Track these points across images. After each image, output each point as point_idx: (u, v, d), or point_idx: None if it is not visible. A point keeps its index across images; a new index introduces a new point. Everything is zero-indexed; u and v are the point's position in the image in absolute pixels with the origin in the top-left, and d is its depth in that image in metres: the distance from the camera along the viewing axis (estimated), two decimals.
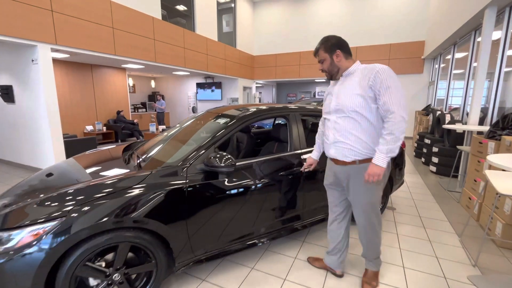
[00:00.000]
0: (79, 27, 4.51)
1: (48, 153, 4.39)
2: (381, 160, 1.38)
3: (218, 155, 1.65)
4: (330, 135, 1.57)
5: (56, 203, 1.34)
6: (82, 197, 1.37)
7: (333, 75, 1.56)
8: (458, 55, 6.01)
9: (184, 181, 1.59)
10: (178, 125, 2.57)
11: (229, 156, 1.65)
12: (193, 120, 2.47)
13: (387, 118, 1.38)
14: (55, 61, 6.58)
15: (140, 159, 1.93)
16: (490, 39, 3.62)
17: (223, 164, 1.61)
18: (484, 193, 2.61)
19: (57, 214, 1.28)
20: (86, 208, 1.31)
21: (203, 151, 1.73)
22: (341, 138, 1.51)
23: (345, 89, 1.49)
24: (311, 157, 1.88)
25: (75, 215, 1.28)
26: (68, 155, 4.51)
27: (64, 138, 5.06)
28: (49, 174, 1.88)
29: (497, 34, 3.74)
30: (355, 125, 1.47)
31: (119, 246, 1.42)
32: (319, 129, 1.87)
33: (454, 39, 5.57)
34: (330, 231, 1.83)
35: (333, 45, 1.51)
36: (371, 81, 1.39)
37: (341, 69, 1.53)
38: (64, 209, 1.29)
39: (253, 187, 1.85)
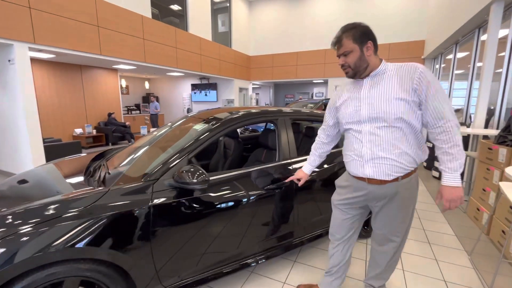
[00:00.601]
0: (60, 25, 4.25)
1: (26, 157, 4.13)
2: (457, 179, 1.13)
3: (191, 169, 1.40)
4: (366, 151, 1.25)
5: None
6: (19, 221, 1.12)
7: (358, 72, 1.25)
8: (460, 54, 5.79)
9: (149, 200, 1.34)
10: (155, 131, 2.32)
11: (202, 171, 1.39)
12: (173, 125, 2.22)
13: (442, 128, 1.13)
14: (41, 62, 6.33)
15: (105, 172, 1.68)
16: (496, 37, 3.39)
17: (195, 180, 1.36)
18: (495, 204, 2.36)
19: None
20: (22, 238, 1.06)
21: (174, 163, 1.48)
22: (383, 153, 1.21)
23: (381, 92, 1.20)
24: (303, 170, 1.62)
25: (3, 249, 1.03)
26: (48, 160, 4.25)
27: (46, 142, 4.80)
28: (22, 181, 1.65)
29: (502, 32, 3.51)
30: (401, 135, 1.19)
31: (65, 282, 1.16)
32: (317, 139, 1.60)
33: (456, 38, 5.34)
34: (334, 254, 1.56)
35: (364, 34, 1.20)
36: (415, 83, 1.13)
37: (370, 66, 1.23)
38: None
39: (234, 204, 1.60)
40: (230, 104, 10.24)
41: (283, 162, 1.85)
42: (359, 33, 1.20)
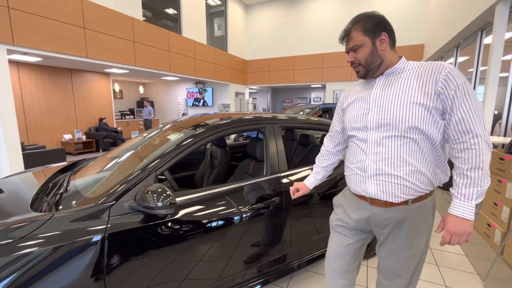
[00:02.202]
0: (42, 26, 4.03)
1: (3, 165, 3.86)
2: (469, 210, 0.89)
3: (157, 189, 1.15)
4: (368, 164, 1.03)
5: None
6: None
7: (370, 70, 1.03)
8: (460, 58, 5.62)
9: (104, 227, 1.10)
10: (130, 140, 2.08)
11: (168, 192, 1.15)
12: (151, 134, 1.97)
13: (466, 144, 0.89)
14: (28, 65, 6.10)
15: (61, 190, 1.43)
16: (503, 39, 3.21)
17: (160, 204, 1.12)
18: (510, 222, 2.13)
19: None
20: None
21: (136, 181, 1.23)
22: (390, 168, 0.98)
23: (396, 94, 0.97)
24: (304, 183, 1.37)
25: None
26: (27, 168, 3.99)
27: (28, 149, 4.55)
28: None
29: (507, 34, 3.33)
30: (414, 149, 0.96)
31: None
32: (323, 148, 1.36)
33: (457, 41, 5.18)
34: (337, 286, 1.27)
35: (377, 25, 0.99)
36: (440, 86, 0.90)
37: (384, 63, 1.01)
38: None
39: (211, 230, 1.35)
40: (226, 109, 10.04)
41: (269, 177, 1.61)
42: (371, 24, 0.99)
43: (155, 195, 1.12)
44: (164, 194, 1.13)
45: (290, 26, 10.30)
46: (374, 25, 0.99)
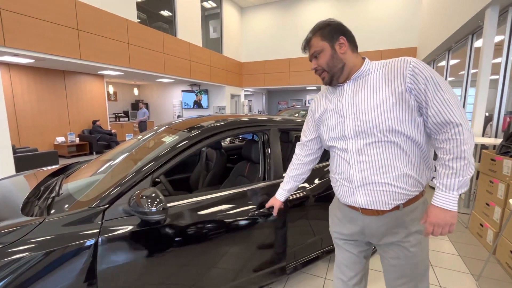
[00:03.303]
0: (34, 28, 3.98)
1: None
2: (451, 201, 0.87)
3: (152, 194, 1.13)
4: (354, 174, 0.99)
5: None
6: None
7: (334, 75, 1.01)
8: (453, 61, 5.72)
9: (97, 232, 1.08)
10: (125, 143, 2.06)
11: (160, 198, 1.13)
12: (145, 137, 1.96)
13: (448, 135, 0.87)
14: (20, 67, 6.01)
15: (53, 194, 1.41)
16: (492, 42, 3.27)
17: (154, 209, 1.10)
18: (501, 222, 2.17)
19: None
20: None
21: (131, 184, 1.22)
22: (376, 177, 0.96)
23: (367, 98, 0.95)
24: (276, 197, 1.36)
25: None
26: (18, 171, 3.91)
27: (19, 151, 4.47)
28: None
29: (497, 38, 3.40)
30: (397, 152, 0.93)
31: None
32: (294, 157, 1.31)
33: (449, 44, 5.27)
34: None
35: (334, 30, 1.00)
36: (409, 82, 0.88)
37: (347, 66, 1.00)
38: None
39: (206, 235, 1.34)
40: (222, 111, 10.02)
41: (270, 182, 1.60)
42: (328, 30, 1.01)
43: (149, 200, 1.11)
44: (158, 199, 1.12)
45: (285, 28, 10.37)
46: (331, 30, 1.00)
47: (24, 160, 4.19)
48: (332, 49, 1.00)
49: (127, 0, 5.79)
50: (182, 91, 10.56)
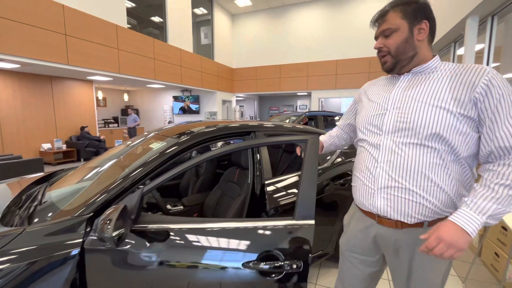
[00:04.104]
0: (20, 33, 3.91)
1: None
2: (474, 225, 0.72)
3: (109, 218, 0.94)
4: (380, 173, 0.88)
5: None
6: None
7: (399, 62, 0.87)
8: None
9: (80, 242, 1.05)
10: (113, 149, 2.02)
11: (120, 224, 0.96)
12: (134, 143, 1.93)
13: (503, 160, 0.75)
14: (5, 72, 5.86)
15: (35, 203, 1.37)
16: (473, 50, 3.41)
17: (107, 235, 0.90)
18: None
19: None
20: None
21: (116, 192, 1.19)
22: (403, 181, 0.84)
23: (419, 95, 0.84)
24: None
25: None
26: (2, 179, 3.78)
27: (3, 159, 4.32)
28: None
29: (478, 46, 3.55)
30: (435, 161, 0.81)
31: None
32: (336, 131, 1.30)
33: (433, 52, 5.46)
34: None
35: (420, 10, 0.84)
36: (478, 92, 0.76)
37: (417, 57, 0.86)
38: None
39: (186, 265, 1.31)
40: (213, 117, 10.01)
41: (292, 222, 1.58)
42: (413, 8, 0.84)
43: (107, 222, 0.93)
44: (120, 224, 0.96)
45: (275, 35, 10.52)
46: (416, 9, 0.84)
47: (7, 168, 4.05)
48: (410, 32, 0.85)
49: (117, 6, 5.77)
50: (173, 96, 10.50)
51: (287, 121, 6.39)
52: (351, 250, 1.05)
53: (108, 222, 0.93)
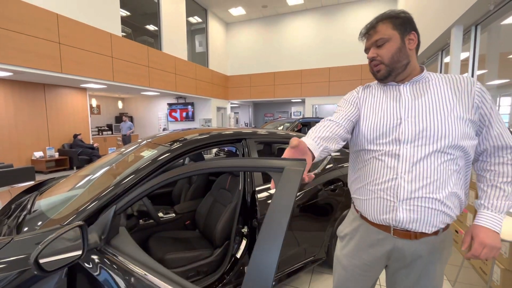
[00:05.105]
0: (12, 41, 3.91)
1: None
2: (499, 223, 0.83)
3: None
4: (402, 185, 0.85)
5: None
6: None
7: (394, 70, 0.89)
8: None
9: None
10: (105, 157, 2.03)
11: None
12: (127, 150, 1.93)
13: (504, 159, 0.86)
14: None
15: (24, 212, 1.36)
16: (459, 58, 3.53)
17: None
18: None
19: None
20: None
21: (106, 200, 1.20)
22: (427, 191, 0.83)
23: (433, 103, 0.86)
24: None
25: None
26: None
27: None
28: None
29: (464, 54, 3.68)
30: (453, 168, 0.85)
31: None
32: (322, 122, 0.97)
33: (421, 60, 5.61)
34: None
35: (407, 22, 0.88)
36: (477, 99, 0.84)
37: (410, 65, 0.89)
38: None
39: None
40: (208, 124, 10.03)
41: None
42: (401, 21, 0.89)
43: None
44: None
45: (269, 43, 10.68)
46: (404, 22, 0.88)
47: None
48: (402, 41, 0.87)
49: (112, 15, 5.82)
50: (168, 104, 10.51)
51: (281, 127, 6.45)
52: (355, 265, 1.00)
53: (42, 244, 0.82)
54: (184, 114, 10.29)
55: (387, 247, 0.92)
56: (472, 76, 3.44)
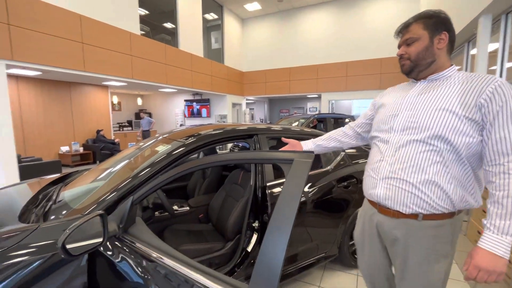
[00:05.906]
0: (41, 42, 4.15)
1: None
2: (503, 246, 0.76)
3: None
4: (384, 166, 0.98)
5: None
6: None
7: (417, 67, 0.97)
8: None
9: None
10: (125, 150, 2.12)
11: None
12: (145, 145, 2.01)
13: (502, 167, 0.80)
14: (28, 79, 6.21)
15: (50, 202, 1.46)
16: (486, 50, 3.32)
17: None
18: None
19: None
20: None
21: (123, 191, 1.26)
22: (401, 173, 0.92)
23: (430, 99, 0.93)
24: (300, 142, 1.29)
25: None
26: (24, 180, 4.00)
27: (24, 161, 4.57)
28: None
29: (492, 46, 3.45)
30: (435, 159, 0.88)
31: None
32: (339, 129, 1.32)
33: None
34: None
35: (440, 23, 0.93)
36: (484, 98, 0.82)
37: (435, 64, 0.95)
38: None
39: None
40: (223, 120, 10.13)
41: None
42: (434, 21, 0.93)
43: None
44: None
45: (285, 38, 10.55)
46: (436, 22, 0.93)
47: (29, 169, 4.29)
48: (430, 41, 0.93)
49: (131, 14, 6.00)
50: (185, 100, 10.72)
51: (296, 123, 6.39)
52: (363, 242, 1.17)
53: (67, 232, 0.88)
54: (200, 110, 10.45)
55: (375, 221, 1.06)
56: (502, 69, 3.22)
